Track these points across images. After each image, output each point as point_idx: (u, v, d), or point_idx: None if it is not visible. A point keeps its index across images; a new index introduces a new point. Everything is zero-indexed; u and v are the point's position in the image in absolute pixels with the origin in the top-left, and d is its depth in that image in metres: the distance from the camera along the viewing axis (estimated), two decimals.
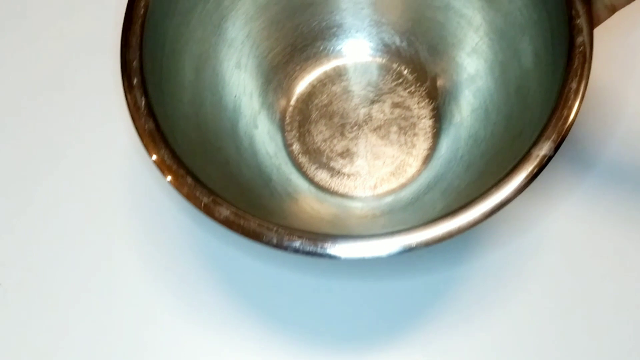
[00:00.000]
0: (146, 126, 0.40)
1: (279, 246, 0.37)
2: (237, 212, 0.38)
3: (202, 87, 0.47)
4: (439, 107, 0.50)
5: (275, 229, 0.37)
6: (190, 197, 0.38)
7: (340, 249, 0.37)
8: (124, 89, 0.40)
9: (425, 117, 0.50)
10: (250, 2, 0.49)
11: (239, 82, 0.49)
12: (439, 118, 0.50)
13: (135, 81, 0.40)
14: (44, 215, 0.50)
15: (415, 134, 0.50)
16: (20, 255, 0.49)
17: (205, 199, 0.38)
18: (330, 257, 0.37)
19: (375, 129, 0.50)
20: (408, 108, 0.50)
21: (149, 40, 0.42)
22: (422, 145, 0.49)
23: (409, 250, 0.36)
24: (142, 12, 0.42)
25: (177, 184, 0.39)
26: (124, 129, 0.52)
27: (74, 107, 0.53)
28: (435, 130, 0.50)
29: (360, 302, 0.46)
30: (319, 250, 0.37)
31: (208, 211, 0.38)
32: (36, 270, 0.49)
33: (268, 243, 0.37)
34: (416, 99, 0.51)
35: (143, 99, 0.40)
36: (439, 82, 0.50)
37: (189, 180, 0.39)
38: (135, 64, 0.41)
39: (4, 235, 0.50)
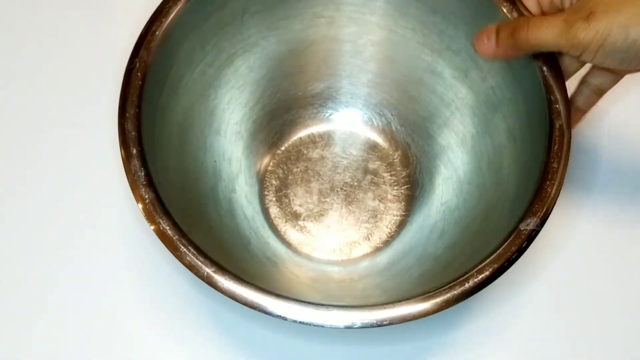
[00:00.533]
0: (146, 196, 0.40)
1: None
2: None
3: (185, 153, 0.47)
4: (411, 175, 0.52)
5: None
6: (192, 268, 0.39)
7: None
8: (123, 159, 0.41)
9: (397, 184, 0.52)
10: (232, 72, 0.50)
11: (219, 147, 0.50)
12: (412, 185, 0.52)
13: (134, 151, 0.41)
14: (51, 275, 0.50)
15: (389, 200, 0.52)
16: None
17: (207, 270, 0.39)
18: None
19: (349, 195, 0.52)
20: (381, 175, 0.53)
21: (145, 109, 0.42)
22: (395, 211, 0.52)
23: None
24: (139, 83, 0.42)
25: (179, 255, 0.39)
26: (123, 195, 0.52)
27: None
28: (408, 197, 0.52)
29: None
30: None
31: (210, 281, 0.39)
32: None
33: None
34: (389, 166, 0.53)
35: (142, 169, 0.40)
36: (411, 152, 0.53)
37: (192, 250, 0.39)
38: (133, 134, 0.41)
39: None
